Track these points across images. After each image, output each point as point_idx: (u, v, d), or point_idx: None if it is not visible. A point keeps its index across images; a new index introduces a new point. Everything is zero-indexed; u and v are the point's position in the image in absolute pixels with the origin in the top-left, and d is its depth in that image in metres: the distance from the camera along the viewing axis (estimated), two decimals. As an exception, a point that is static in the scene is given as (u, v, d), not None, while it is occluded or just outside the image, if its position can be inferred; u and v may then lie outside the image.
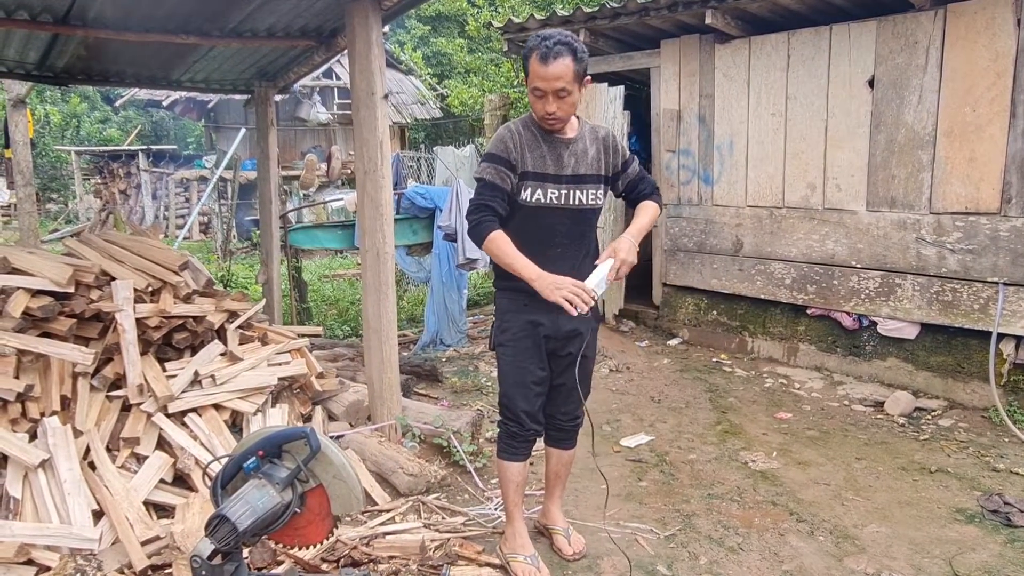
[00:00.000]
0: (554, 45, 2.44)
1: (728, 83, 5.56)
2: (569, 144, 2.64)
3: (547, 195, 2.62)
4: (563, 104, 2.50)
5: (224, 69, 4.84)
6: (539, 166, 2.61)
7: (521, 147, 2.61)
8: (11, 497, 2.80)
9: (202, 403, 3.43)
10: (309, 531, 2.36)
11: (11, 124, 6.73)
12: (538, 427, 2.82)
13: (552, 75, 2.43)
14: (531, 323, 2.69)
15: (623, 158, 2.75)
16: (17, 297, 3.20)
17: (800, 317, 5.44)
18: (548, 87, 2.46)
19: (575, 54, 2.44)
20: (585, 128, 2.70)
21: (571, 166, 2.63)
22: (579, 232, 2.71)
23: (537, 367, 2.72)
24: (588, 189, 2.67)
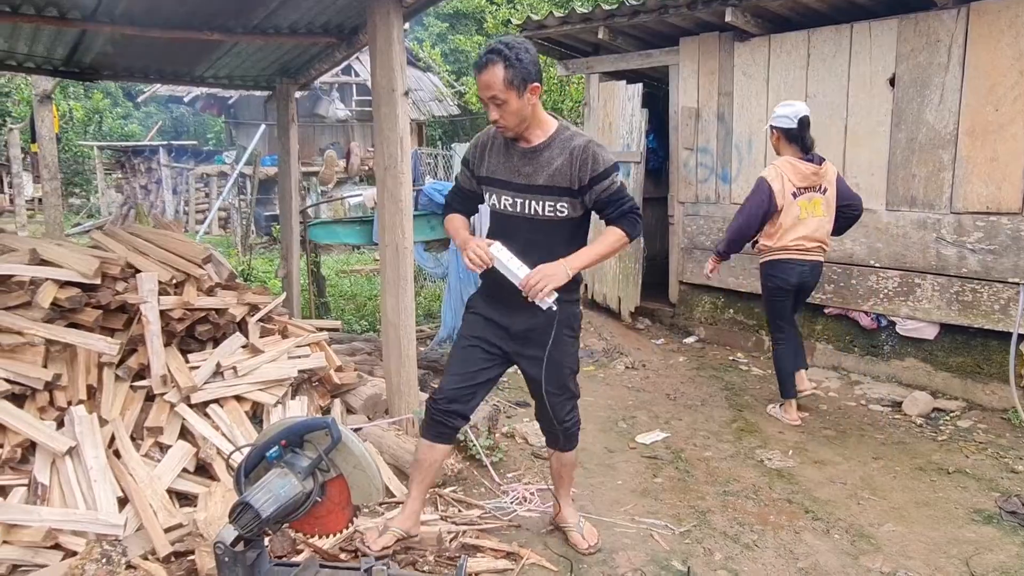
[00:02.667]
0: (486, 53, 2.43)
1: (747, 81, 5.54)
2: (530, 153, 2.57)
3: (501, 201, 2.64)
4: (504, 112, 2.46)
5: (247, 66, 4.89)
6: (495, 172, 2.63)
7: (486, 151, 2.66)
8: (39, 483, 2.86)
9: (224, 394, 3.48)
10: (329, 520, 2.40)
11: (37, 119, 6.85)
12: (454, 415, 2.73)
13: (483, 83, 2.43)
14: (486, 319, 2.75)
15: (592, 174, 2.53)
16: (46, 288, 3.27)
17: (817, 316, 5.42)
18: (482, 95, 2.47)
19: (506, 61, 2.38)
20: (560, 137, 2.56)
21: (526, 175, 2.57)
22: (541, 241, 2.60)
23: (476, 358, 2.73)
24: (545, 200, 2.57)
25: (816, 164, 4.22)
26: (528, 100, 2.47)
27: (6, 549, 2.66)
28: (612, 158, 2.63)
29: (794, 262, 4.22)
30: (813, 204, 4.21)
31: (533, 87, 2.46)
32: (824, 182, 4.24)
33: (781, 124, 4.23)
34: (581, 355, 5.69)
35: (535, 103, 2.52)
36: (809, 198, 4.20)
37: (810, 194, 4.20)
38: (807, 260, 4.24)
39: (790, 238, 4.20)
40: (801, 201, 4.18)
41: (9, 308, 3.28)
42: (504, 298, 2.65)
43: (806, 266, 4.24)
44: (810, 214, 4.20)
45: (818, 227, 4.22)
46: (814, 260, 4.27)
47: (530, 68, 2.43)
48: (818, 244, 4.25)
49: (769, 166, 4.35)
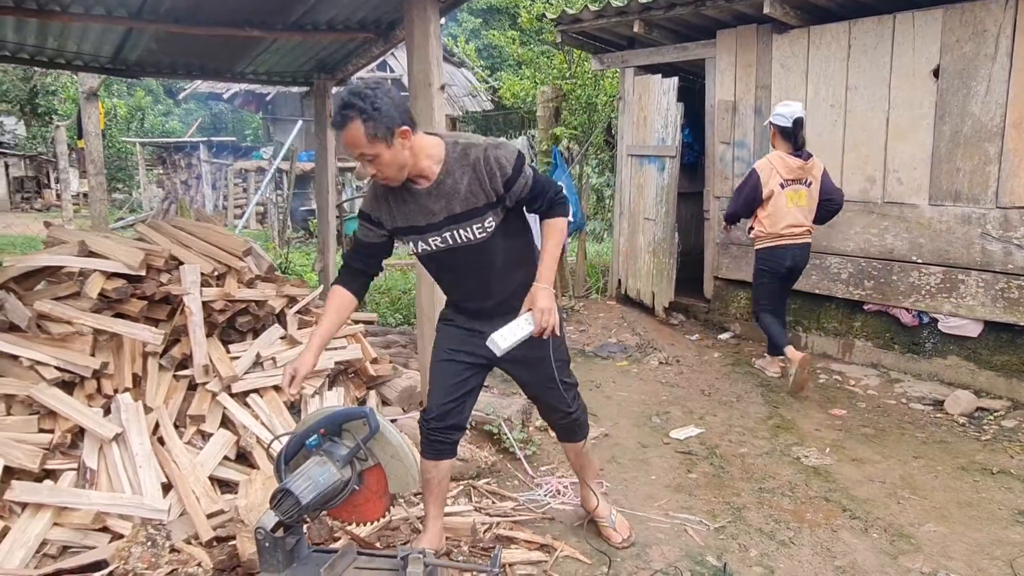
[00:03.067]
0: (340, 110, 2.20)
1: (786, 74, 5.46)
2: (432, 190, 2.39)
3: (429, 243, 2.47)
4: (379, 166, 2.27)
5: (285, 62, 4.97)
6: (408, 219, 2.44)
7: (387, 203, 2.46)
8: (88, 468, 2.96)
9: (263, 384, 3.55)
10: (367, 508, 2.44)
11: (84, 116, 7.05)
12: (449, 429, 2.65)
13: (346, 142, 2.24)
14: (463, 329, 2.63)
15: (504, 179, 2.37)
16: (94, 279, 3.37)
17: (856, 313, 5.33)
18: (351, 154, 2.28)
19: (363, 115, 2.17)
20: (452, 159, 2.38)
21: (442, 209, 2.40)
22: (492, 260, 2.49)
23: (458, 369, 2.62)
24: (471, 224, 2.42)
25: (803, 159, 4.69)
26: (401, 146, 2.26)
27: (57, 531, 2.76)
28: (514, 149, 2.45)
29: (786, 247, 4.75)
30: (798, 195, 4.73)
31: (402, 132, 2.23)
32: (810, 176, 4.74)
33: (778, 122, 4.69)
34: (614, 350, 5.71)
35: (410, 144, 2.29)
36: (795, 190, 4.71)
37: (796, 186, 4.71)
38: (797, 244, 4.77)
39: (780, 226, 4.72)
40: (788, 192, 4.70)
41: (59, 298, 3.39)
42: (475, 308, 2.60)
43: (797, 249, 4.77)
44: (795, 204, 4.72)
45: (801, 216, 4.74)
46: (803, 243, 4.79)
47: (392, 114, 2.20)
48: (805, 229, 4.78)
49: (763, 158, 4.84)
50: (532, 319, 2.40)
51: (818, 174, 4.76)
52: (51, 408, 3.03)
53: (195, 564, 2.69)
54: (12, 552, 2.60)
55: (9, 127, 21.72)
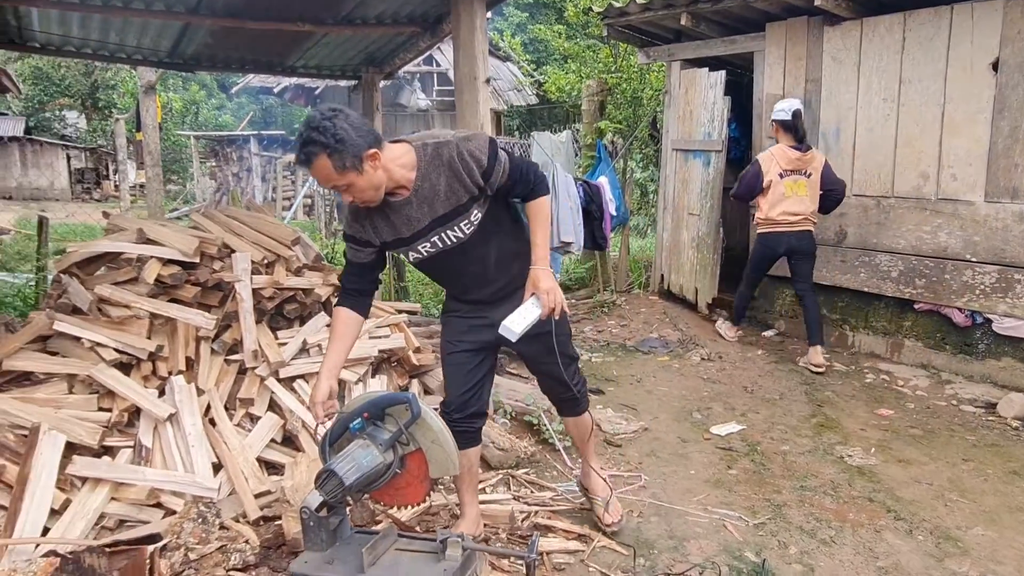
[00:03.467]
0: (302, 148, 2.15)
1: (837, 67, 5.35)
2: (412, 199, 2.36)
3: (420, 251, 2.47)
4: (356, 192, 2.25)
5: (335, 56, 5.07)
6: (394, 234, 2.43)
7: (369, 221, 2.43)
8: (143, 446, 3.08)
9: (309, 370, 3.64)
10: (408, 492, 2.49)
11: (142, 109, 7.30)
12: (471, 418, 2.69)
13: (318, 178, 2.22)
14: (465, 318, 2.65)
15: (481, 171, 2.35)
16: (151, 265, 3.50)
17: (906, 312, 5.20)
18: (325, 186, 2.29)
19: (327, 149, 2.12)
20: (424, 162, 2.34)
21: (425, 216, 2.38)
22: (486, 252, 2.50)
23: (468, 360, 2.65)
24: (458, 223, 2.41)
25: (803, 151, 5.05)
26: (372, 169, 2.21)
27: (114, 505, 2.89)
28: (486, 137, 2.41)
29: (782, 234, 5.16)
30: (798, 185, 5.08)
31: (371, 155, 2.19)
32: (810, 168, 5.08)
33: (779, 117, 5.11)
34: (655, 345, 5.69)
35: (381, 163, 2.24)
36: (794, 180, 5.07)
37: (795, 176, 5.07)
38: (793, 231, 5.14)
39: (776, 212, 5.12)
40: (787, 181, 5.08)
41: (118, 283, 3.53)
42: (476, 297, 2.62)
43: (793, 236, 5.15)
44: (794, 193, 5.08)
45: (801, 204, 5.08)
46: (801, 230, 5.14)
47: (357, 140, 2.15)
48: (804, 217, 5.11)
49: (766, 151, 5.23)
50: (538, 301, 2.44)
51: (818, 166, 5.07)
52: (110, 388, 3.16)
53: (243, 541, 2.78)
54: (74, 523, 2.73)
55: (71, 121, 22.58)
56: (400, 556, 2.39)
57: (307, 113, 2.44)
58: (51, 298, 3.55)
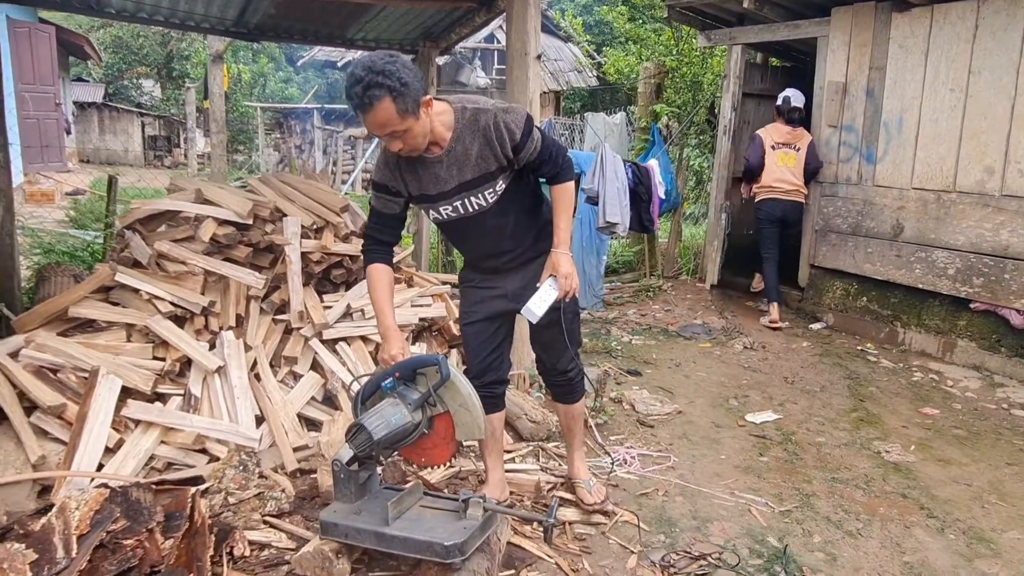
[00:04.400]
0: (365, 91, 2.10)
1: (903, 55, 5.18)
2: (444, 158, 2.39)
3: (441, 212, 2.51)
4: (407, 139, 2.24)
5: (393, 29, 5.15)
6: (420, 188, 2.45)
7: (399, 172, 2.45)
8: (192, 395, 3.25)
9: (351, 334, 3.76)
10: (435, 452, 2.58)
11: (210, 77, 7.55)
12: (492, 384, 2.76)
13: (375, 123, 2.17)
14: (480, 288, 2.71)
15: (512, 144, 2.38)
16: (207, 225, 3.67)
17: (961, 311, 5.04)
18: (378, 133, 2.22)
19: (392, 92, 2.10)
20: (462, 125, 2.36)
21: (453, 178, 2.41)
22: (503, 223, 2.54)
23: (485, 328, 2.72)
24: (482, 191, 2.44)
25: (793, 128, 5.76)
26: (426, 115, 2.23)
27: (163, 448, 3.06)
28: (523, 112, 2.43)
29: (776, 200, 5.79)
30: (788, 157, 5.77)
31: (426, 101, 2.22)
32: (798, 143, 5.76)
33: (777, 103, 5.89)
34: (698, 331, 5.66)
35: (431, 111, 2.27)
36: (785, 152, 5.77)
37: (785, 149, 5.77)
38: (786, 200, 5.79)
39: (769, 180, 5.77)
40: (778, 153, 5.77)
41: (176, 240, 3.71)
42: (491, 267, 2.67)
43: (787, 204, 5.80)
44: (784, 164, 5.76)
45: (791, 175, 5.75)
46: (792, 200, 5.81)
47: (417, 85, 2.16)
48: (795, 187, 5.77)
49: (763, 128, 5.93)
50: (556, 284, 2.51)
51: (805, 144, 5.75)
52: (165, 339, 3.34)
53: (279, 490, 2.92)
54: (126, 462, 2.91)
55: (147, 89, 23.40)
56: (424, 512, 2.49)
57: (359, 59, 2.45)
58: (115, 251, 3.75)
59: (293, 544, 2.62)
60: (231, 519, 2.70)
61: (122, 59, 22.23)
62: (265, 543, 2.62)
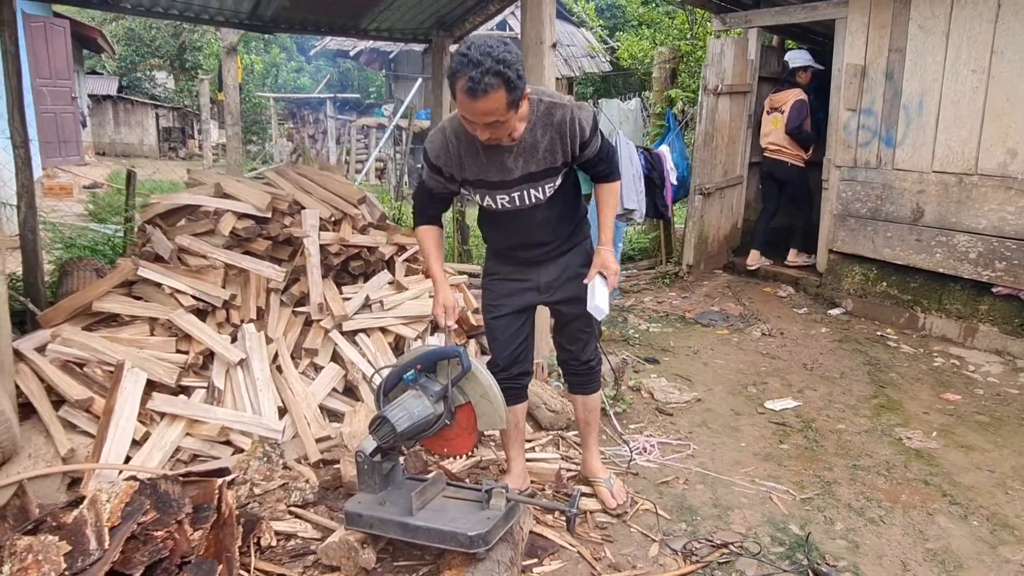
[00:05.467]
0: (483, 76, 2.05)
1: (923, 36, 5.10)
2: (514, 147, 2.35)
3: (496, 201, 2.49)
4: (499, 130, 2.21)
5: (406, 19, 5.14)
6: (480, 174, 2.41)
7: (457, 156, 2.40)
8: (216, 387, 3.29)
9: (371, 325, 3.79)
10: (456, 443, 2.60)
11: (224, 69, 7.57)
12: (518, 377, 2.80)
13: (481, 110, 2.11)
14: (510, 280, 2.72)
15: (581, 142, 2.41)
16: (226, 218, 3.69)
17: (983, 295, 4.99)
18: (478, 120, 2.17)
19: (508, 84, 2.08)
20: (536, 117, 2.35)
21: (519, 168, 2.39)
22: (547, 216, 2.56)
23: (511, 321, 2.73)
24: (543, 184, 2.45)
25: (777, 91, 6.26)
26: (522, 109, 2.23)
27: (188, 440, 3.11)
28: (591, 111, 2.44)
29: (766, 160, 6.47)
30: (775, 120, 6.24)
31: (526, 94, 2.22)
32: (783, 105, 6.16)
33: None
34: (716, 318, 5.64)
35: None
36: (774, 117, 6.27)
37: (775, 114, 6.26)
38: (772, 159, 6.40)
39: (763, 141, 6.44)
40: (770, 117, 6.31)
41: (197, 234, 3.74)
42: (526, 258, 2.67)
43: (772, 162, 6.41)
44: (773, 127, 6.28)
45: (775, 136, 6.26)
46: (775, 159, 6.37)
47: (525, 77, 2.16)
48: (777, 148, 6.29)
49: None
50: (605, 280, 2.57)
51: (788, 105, 6.10)
52: (187, 332, 3.38)
53: (303, 481, 2.95)
54: (152, 454, 2.95)
55: (160, 81, 23.49)
56: (447, 502, 2.51)
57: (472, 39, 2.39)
58: (136, 246, 3.79)
59: (318, 534, 2.66)
60: (257, 510, 2.73)
61: (135, 51, 22.31)
62: (291, 533, 2.66)
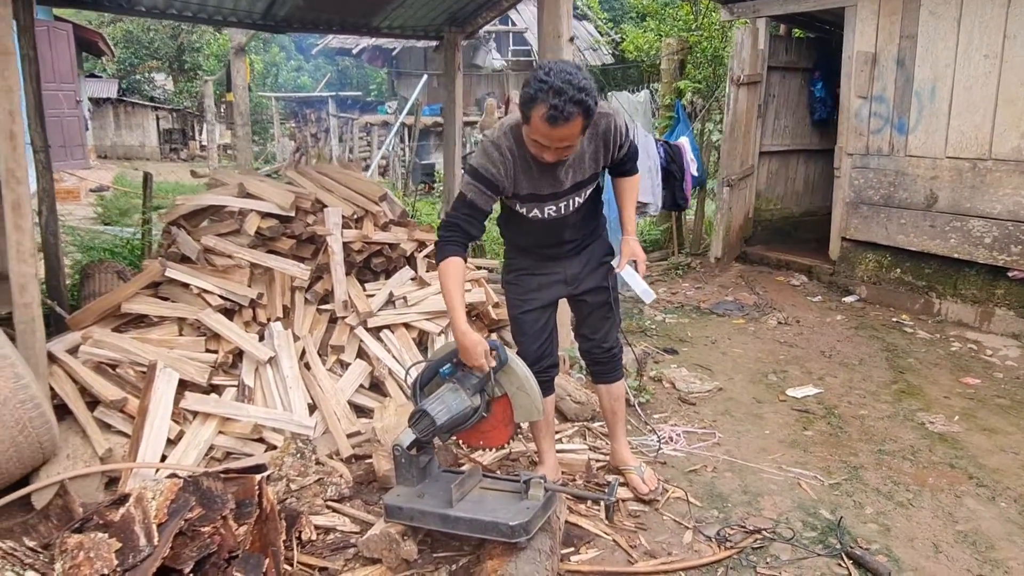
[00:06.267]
0: (565, 105, 2.10)
1: (935, 22, 5.11)
2: (565, 160, 2.42)
3: (544, 211, 2.54)
4: (564, 152, 2.30)
5: (419, 16, 5.15)
6: (534, 188, 2.46)
7: (512, 171, 2.42)
8: (246, 385, 3.32)
9: (395, 321, 3.81)
10: (493, 435, 2.63)
11: (233, 70, 7.60)
12: (547, 370, 2.82)
13: (558, 137, 2.19)
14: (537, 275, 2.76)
15: (621, 144, 2.54)
16: (251, 218, 3.72)
17: (999, 280, 5.01)
18: (552, 145, 2.24)
19: (586, 113, 2.16)
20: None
21: (568, 179, 2.48)
22: (578, 220, 2.66)
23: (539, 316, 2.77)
24: (585, 189, 2.56)
25: None
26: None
27: (221, 438, 3.14)
28: (621, 114, 2.56)
29: None
30: None
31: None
32: None
33: None
34: (730, 308, 5.67)
35: None
36: None
37: None
38: None
39: None
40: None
41: (222, 235, 3.76)
42: (555, 254, 2.72)
43: None
44: None
45: None
46: None
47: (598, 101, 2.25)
48: None
49: None
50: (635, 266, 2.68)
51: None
52: (216, 331, 3.40)
53: (338, 475, 2.99)
54: (187, 452, 2.98)
55: (159, 83, 23.48)
56: (485, 494, 2.54)
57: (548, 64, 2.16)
58: (162, 247, 3.82)
59: (356, 528, 2.69)
60: (295, 505, 2.77)
61: (133, 53, 22.31)
62: (329, 527, 2.69)
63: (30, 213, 2.88)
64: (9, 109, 2.80)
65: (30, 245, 2.87)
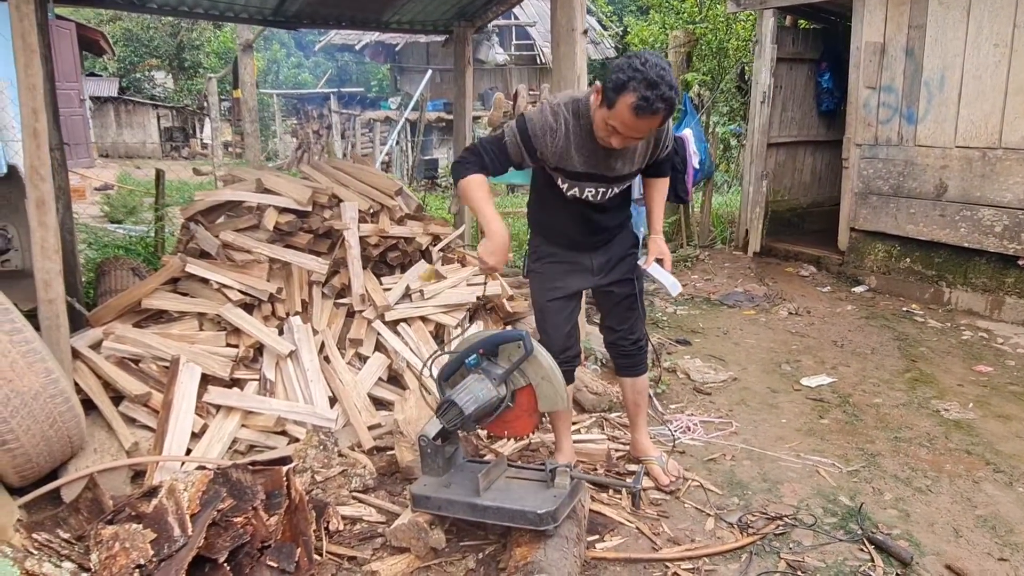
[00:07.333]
0: (656, 99, 2.17)
1: (944, 11, 5.12)
2: (622, 149, 2.47)
3: (584, 192, 2.59)
4: (632, 142, 2.38)
5: (429, 10, 5.15)
6: (586, 166, 2.50)
7: (565, 143, 2.45)
8: (267, 379, 3.34)
9: (412, 314, 3.83)
10: (518, 425, 2.65)
11: (240, 67, 7.60)
12: (570, 360, 2.86)
13: (640, 127, 2.26)
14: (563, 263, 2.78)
15: (666, 144, 2.62)
16: (269, 213, 3.74)
17: (1009, 268, 5.03)
18: (630, 134, 2.30)
19: (671, 110, 2.25)
20: None
21: (618, 167, 2.54)
22: (615, 210, 2.73)
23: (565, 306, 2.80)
24: (628, 180, 2.65)
25: None
26: None
27: (244, 431, 3.16)
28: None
29: None
30: None
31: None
32: None
33: None
34: (741, 299, 5.70)
35: None
36: None
37: None
38: None
39: None
40: None
41: (240, 230, 3.78)
42: (585, 242, 2.76)
43: None
44: None
45: None
46: None
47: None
48: None
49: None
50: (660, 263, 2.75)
51: None
52: (236, 326, 3.43)
53: (361, 467, 3.01)
54: (211, 445, 3.01)
55: (160, 81, 23.46)
56: (511, 482, 2.56)
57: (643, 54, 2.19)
58: (180, 243, 3.84)
59: (383, 518, 2.72)
60: (321, 496, 2.79)
61: (133, 52, 22.29)
62: (356, 517, 2.72)
63: (54, 210, 2.90)
64: (33, 107, 2.82)
65: (54, 242, 2.90)
